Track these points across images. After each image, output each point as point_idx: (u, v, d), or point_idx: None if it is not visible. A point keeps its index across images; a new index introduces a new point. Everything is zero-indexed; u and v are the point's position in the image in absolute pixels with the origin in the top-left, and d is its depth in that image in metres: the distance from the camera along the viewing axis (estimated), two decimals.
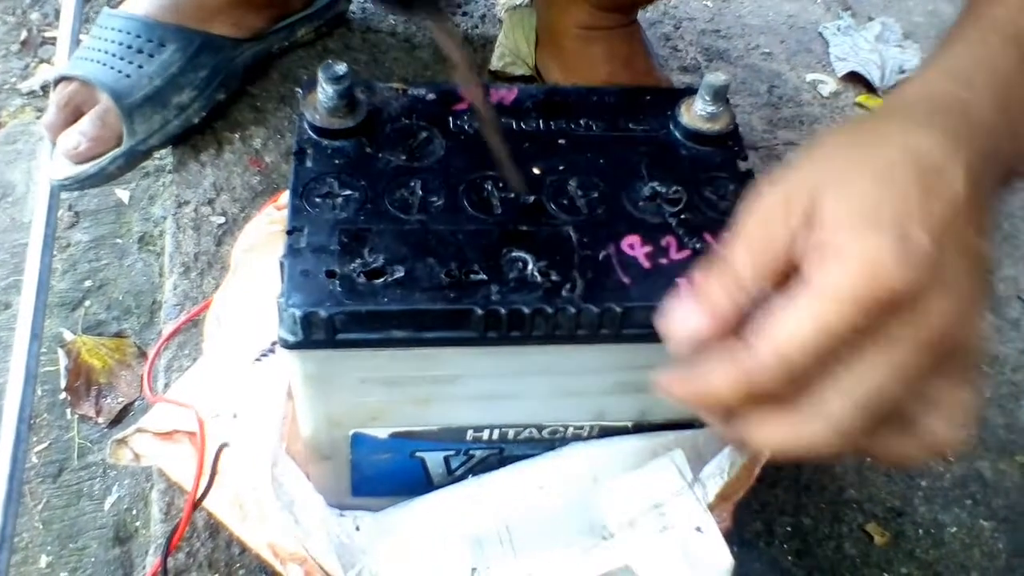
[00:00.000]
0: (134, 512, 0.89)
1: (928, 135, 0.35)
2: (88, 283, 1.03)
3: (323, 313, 0.36)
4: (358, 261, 0.38)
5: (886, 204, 0.33)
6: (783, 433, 0.34)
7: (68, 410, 0.94)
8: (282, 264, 0.38)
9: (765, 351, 0.32)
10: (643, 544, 0.41)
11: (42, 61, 1.25)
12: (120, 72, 0.74)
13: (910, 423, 0.34)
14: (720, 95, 0.45)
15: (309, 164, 0.42)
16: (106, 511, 0.88)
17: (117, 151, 0.74)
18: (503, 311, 0.37)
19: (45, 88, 1.20)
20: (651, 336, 0.39)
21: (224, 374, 0.50)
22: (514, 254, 0.39)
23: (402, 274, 0.38)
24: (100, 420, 0.94)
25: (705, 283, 0.35)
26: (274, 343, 0.49)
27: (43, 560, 0.85)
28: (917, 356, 0.32)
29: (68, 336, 0.97)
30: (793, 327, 0.32)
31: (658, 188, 0.43)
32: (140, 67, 0.75)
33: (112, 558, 0.86)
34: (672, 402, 0.40)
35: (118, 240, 1.06)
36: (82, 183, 0.75)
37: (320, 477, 0.47)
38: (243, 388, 0.48)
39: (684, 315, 0.35)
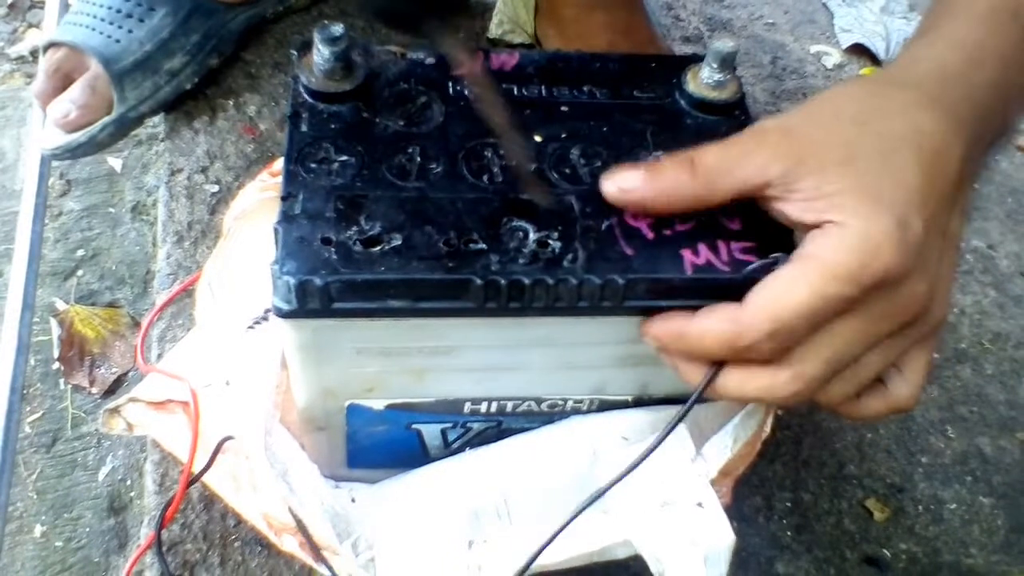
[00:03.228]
0: (128, 483, 0.88)
1: (933, 116, 0.36)
2: (81, 252, 1.01)
3: (318, 281, 0.35)
4: (354, 228, 0.37)
5: (888, 185, 0.35)
6: (756, 385, 0.36)
7: (61, 380, 0.93)
8: (276, 231, 0.37)
9: (761, 315, 0.34)
10: (643, 519, 0.41)
11: (31, 26, 1.23)
12: (110, 37, 0.72)
13: (879, 383, 0.39)
14: (728, 63, 0.44)
15: (304, 128, 0.41)
16: (100, 481, 0.88)
17: (107, 119, 0.73)
18: (503, 281, 0.36)
19: (34, 53, 1.18)
20: (654, 309, 0.38)
21: (217, 343, 0.49)
22: (515, 223, 0.38)
23: (399, 242, 0.37)
24: (94, 390, 0.93)
25: (666, 166, 0.37)
26: (267, 310, 0.48)
27: (38, 530, 0.85)
28: (887, 326, 0.35)
29: (61, 306, 0.96)
30: (792, 295, 0.34)
31: (662, 157, 0.42)
32: (130, 32, 0.73)
33: (107, 528, 0.86)
34: (672, 374, 0.41)
35: (111, 209, 1.05)
36: (73, 152, 0.73)
37: (315, 448, 0.46)
38: (236, 356, 0.47)
39: (631, 175, 0.37)
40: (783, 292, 0.34)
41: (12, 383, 0.73)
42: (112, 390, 0.93)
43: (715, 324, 0.36)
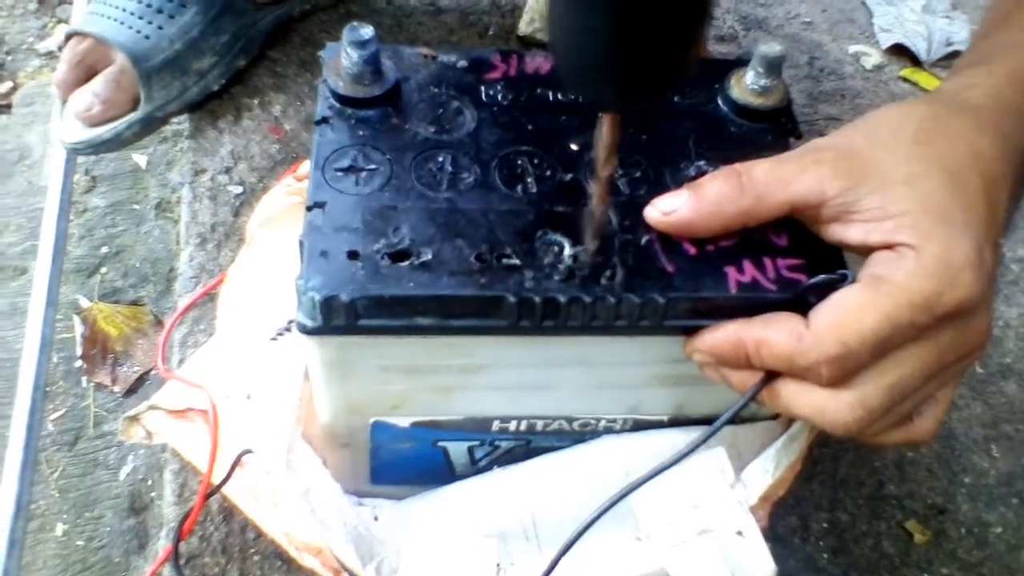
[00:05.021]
0: (149, 483, 0.88)
1: (992, 142, 0.35)
2: (105, 249, 1.01)
3: (344, 297, 0.34)
4: (382, 241, 0.35)
5: (958, 208, 0.33)
6: (809, 402, 0.34)
7: (84, 378, 0.93)
8: (301, 243, 0.35)
9: (828, 337, 0.32)
10: (680, 547, 0.39)
11: (60, 21, 1.23)
12: (139, 32, 0.71)
13: (906, 415, 0.36)
14: (775, 67, 0.41)
15: (332, 135, 0.40)
16: (122, 481, 0.88)
17: (134, 116, 0.72)
18: (537, 299, 0.34)
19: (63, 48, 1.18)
20: (695, 328, 0.37)
21: (238, 353, 0.48)
22: (549, 237, 0.36)
23: (429, 257, 0.35)
24: (116, 389, 0.93)
25: (711, 183, 0.35)
26: (291, 321, 0.47)
27: (59, 528, 0.85)
28: (951, 357, 0.34)
29: (84, 303, 0.96)
30: (862, 320, 0.32)
31: (705, 167, 0.40)
32: (160, 28, 0.72)
33: (127, 528, 0.85)
34: (710, 393, 0.39)
35: (135, 206, 1.04)
36: (96, 148, 0.72)
37: (337, 464, 0.45)
38: (258, 368, 0.46)
39: (672, 196, 0.36)
40: (853, 315, 0.32)
41: (35, 381, 0.73)
42: (134, 389, 0.93)
43: (775, 336, 0.34)
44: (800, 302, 0.35)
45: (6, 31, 1.21)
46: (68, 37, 0.73)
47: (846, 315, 0.32)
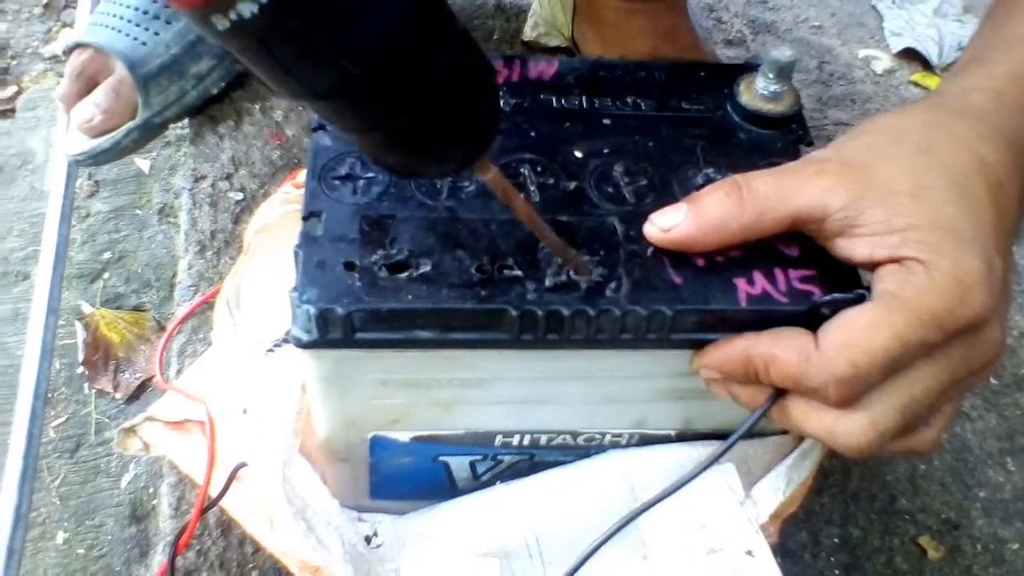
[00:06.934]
0: (151, 490, 0.87)
1: (995, 147, 0.34)
2: (107, 255, 1.00)
3: (340, 310, 0.32)
4: (380, 252, 0.34)
5: (966, 220, 0.32)
6: (819, 423, 0.33)
7: (86, 384, 0.92)
8: (297, 254, 0.34)
9: (838, 358, 0.31)
10: (687, 568, 0.38)
11: (65, 25, 1.22)
12: (136, 39, 0.71)
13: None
14: (785, 73, 0.40)
15: (328, 142, 0.39)
16: (123, 488, 0.87)
17: (132, 124, 0.71)
18: (540, 312, 0.33)
19: (67, 52, 1.17)
20: (704, 342, 0.35)
21: (235, 365, 0.46)
22: None
23: (428, 268, 0.34)
24: (118, 395, 0.92)
25: (711, 197, 0.34)
26: (287, 333, 0.46)
27: (60, 536, 0.84)
28: (963, 372, 0.33)
29: (86, 309, 0.95)
30: (872, 340, 0.31)
31: (713, 175, 0.39)
32: (156, 34, 0.71)
33: (128, 536, 0.84)
34: (719, 407, 0.38)
35: (138, 211, 1.04)
36: (96, 158, 0.72)
37: (336, 478, 0.44)
38: (255, 381, 0.45)
39: (671, 212, 0.34)
40: (863, 335, 0.31)
41: (36, 389, 0.72)
42: (136, 395, 0.92)
43: (783, 354, 0.33)
44: (812, 316, 0.34)
45: (11, 35, 1.21)
46: (69, 50, 0.73)
47: (856, 335, 0.31)
